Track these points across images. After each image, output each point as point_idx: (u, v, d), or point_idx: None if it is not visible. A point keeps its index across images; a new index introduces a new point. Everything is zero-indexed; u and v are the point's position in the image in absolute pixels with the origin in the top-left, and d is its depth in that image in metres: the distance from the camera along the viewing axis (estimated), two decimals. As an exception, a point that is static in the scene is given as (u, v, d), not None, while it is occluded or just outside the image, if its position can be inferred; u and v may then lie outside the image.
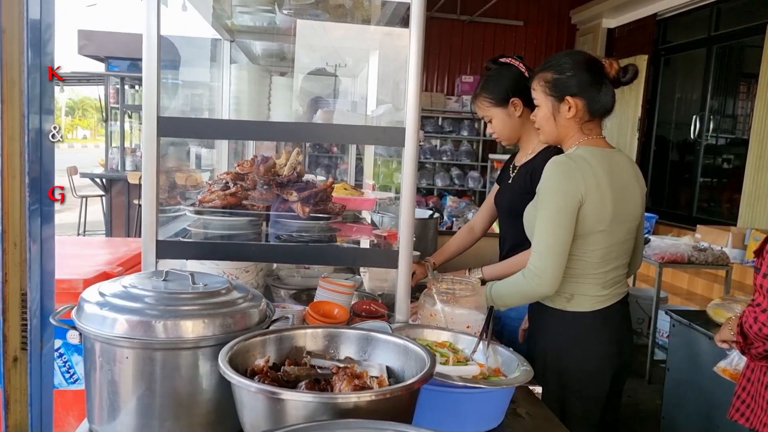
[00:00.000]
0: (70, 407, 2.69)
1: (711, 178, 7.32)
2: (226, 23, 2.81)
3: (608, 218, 1.85)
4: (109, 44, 9.37)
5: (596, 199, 1.82)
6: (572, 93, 1.90)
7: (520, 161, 2.43)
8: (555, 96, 1.92)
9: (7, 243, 1.35)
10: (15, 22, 1.37)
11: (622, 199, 1.88)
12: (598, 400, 2.00)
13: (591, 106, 1.91)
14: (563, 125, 1.94)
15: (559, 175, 1.85)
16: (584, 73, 1.90)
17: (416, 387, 1.03)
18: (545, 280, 1.84)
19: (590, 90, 1.90)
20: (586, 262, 1.90)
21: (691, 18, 7.54)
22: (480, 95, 2.38)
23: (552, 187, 1.85)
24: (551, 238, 1.83)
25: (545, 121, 1.97)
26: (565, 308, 1.96)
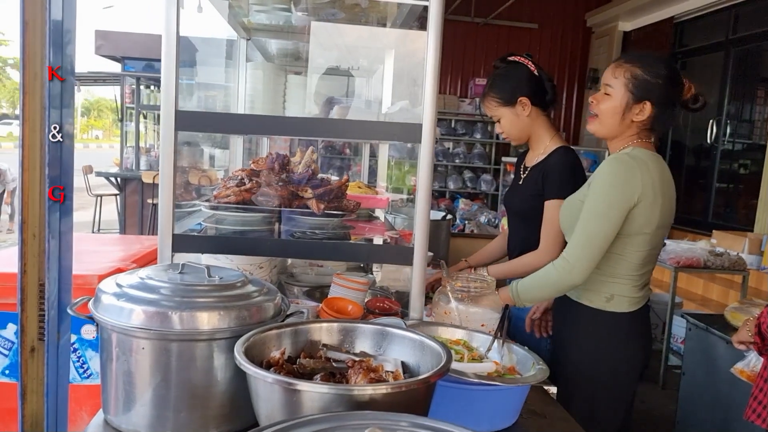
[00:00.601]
0: (83, 402, 2.70)
1: (727, 184, 7.25)
2: (243, 21, 2.83)
3: (655, 222, 1.85)
4: (126, 44, 9.43)
5: (650, 202, 1.82)
6: (651, 100, 1.86)
7: (531, 162, 2.39)
8: (635, 94, 1.85)
9: (27, 234, 1.36)
10: (37, 16, 1.38)
11: (668, 205, 1.88)
12: (628, 401, 2.00)
13: (658, 120, 1.89)
14: (626, 125, 1.90)
15: (621, 172, 1.82)
16: (670, 86, 1.87)
17: (432, 381, 1.03)
18: (576, 270, 1.82)
19: (666, 104, 1.88)
20: (629, 263, 1.89)
21: (708, 21, 7.47)
22: (488, 95, 2.35)
23: (610, 182, 1.83)
24: (596, 231, 1.82)
25: (611, 112, 1.89)
26: (605, 308, 1.94)
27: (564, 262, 1.85)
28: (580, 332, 1.99)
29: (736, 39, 7.02)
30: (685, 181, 7.84)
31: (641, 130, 1.90)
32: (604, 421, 1.95)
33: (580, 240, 1.83)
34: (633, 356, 1.98)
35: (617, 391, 1.97)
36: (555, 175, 2.24)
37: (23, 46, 1.35)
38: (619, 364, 1.96)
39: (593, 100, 1.94)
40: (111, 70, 11.13)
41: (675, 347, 4.88)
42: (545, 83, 2.30)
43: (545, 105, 2.33)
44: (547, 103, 2.33)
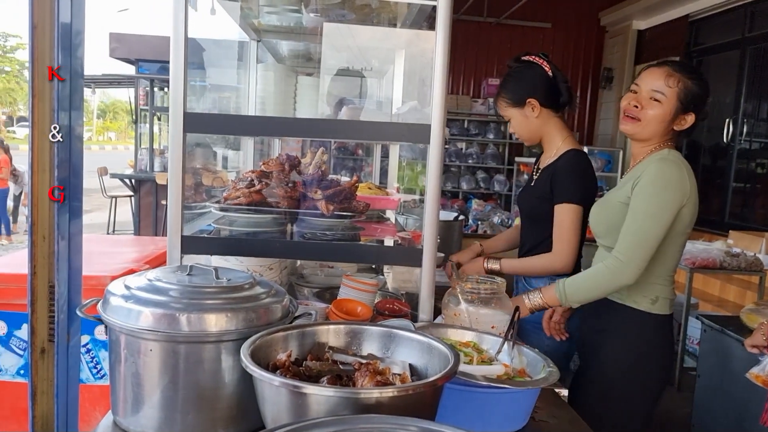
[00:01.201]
0: (96, 402, 2.72)
1: (744, 183, 7.16)
2: (253, 23, 2.83)
3: (691, 225, 1.90)
4: (140, 47, 9.52)
5: (693, 202, 1.85)
6: (696, 112, 1.90)
7: (543, 163, 2.37)
8: (684, 105, 1.87)
9: (36, 235, 1.37)
10: (46, 19, 1.39)
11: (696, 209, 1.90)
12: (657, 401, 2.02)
13: (692, 129, 1.93)
14: (666, 131, 1.91)
15: (672, 173, 1.83)
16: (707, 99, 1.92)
17: (440, 384, 1.02)
18: (629, 270, 1.80)
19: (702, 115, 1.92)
20: (670, 263, 1.92)
21: (723, 19, 7.39)
22: (499, 95, 2.33)
23: (663, 183, 1.82)
24: (649, 232, 1.80)
25: (659, 119, 1.88)
26: (650, 310, 1.93)
27: (617, 262, 1.82)
28: (627, 335, 1.96)
29: (752, 37, 6.94)
30: (702, 180, 7.74)
31: (673, 135, 1.93)
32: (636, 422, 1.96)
33: (632, 240, 1.82)
34: (670, 357, 2.02)
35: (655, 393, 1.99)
36: (564, 178, 2.21)
37: (32, 49, 1.36)
38: (662, 365, 1.99)
39: (637, 103, 1.89)
40: (125, 72, 11.24)
41: (690, 349, 4.83)
42: (560, 84, 2.27)
43: (558, 106, 2.30)
44: (560, 104, 2.30)
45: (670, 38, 8.08)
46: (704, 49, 7.83)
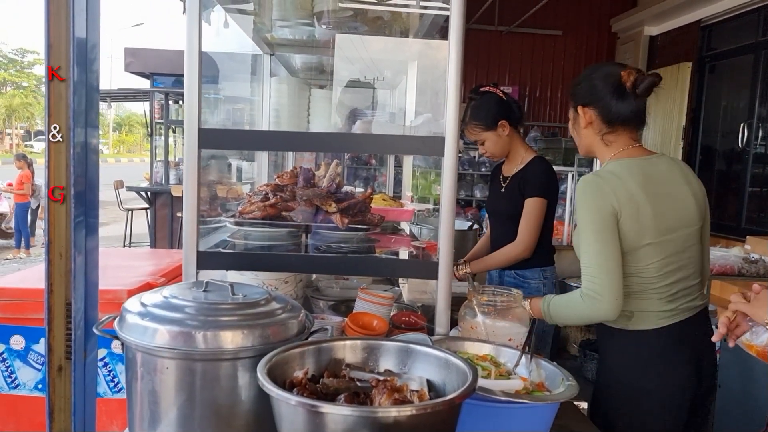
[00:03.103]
0: (114, 416, 2.73)
1: (761, 188, 7.08)
2: (266, 37, 2.85)
3: (652, 230, 1.73)
4: (155, 61, 9.61)
5: (632, 213, 1.72)
6: (581, 103, 1.86)
7: (510, 172, 2.76)
8: (572, 106, 1.91)
9: (53, 254, 1.37)
10: (62, 37, 1.40)
11: (668, 207, 1.76)
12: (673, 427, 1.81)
13: (605, 114, 1.83)
14: (588, 137, 1.89)
15: (590, 193, 1.75)
16: (592, 82, 1.84)
17: (458, 402, 1.01)
18: (604, 301, 1.69)
19: (598, 98, 1.83)
20: (643, 277, 1.77)
21: (737, 24, 7.32)
22: (470, 123, 2.70)
23: (585, 205, 1.75)
24: (599, 257, 1.71)
25: (571, 131, 1.97)
26: (627, 327, 1.81)
27: (588, 297, 1.72)
28: (611, 354, 1.88)
29: (766, 41, 6.87)
30: (717, 185, 7.67)
31: (603, 136, 1.85)
32: None
33: (590, 271, 1.72)
34: (673, 377, 1.78)
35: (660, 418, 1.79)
36: (533, 179, 2.64)
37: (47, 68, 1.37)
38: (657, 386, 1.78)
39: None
40: (140, 86, 11.37)
41: (710, 357, 4.76)
42: (512, 106, 2.72)
43: (516, 124, 2.73)
44: (516, 122, 2.73)
45: (682, 44, 8.02)
46: (717, 54, 7.76)
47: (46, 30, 1.42)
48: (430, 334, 1.69)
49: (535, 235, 2.61)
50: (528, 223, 2.60)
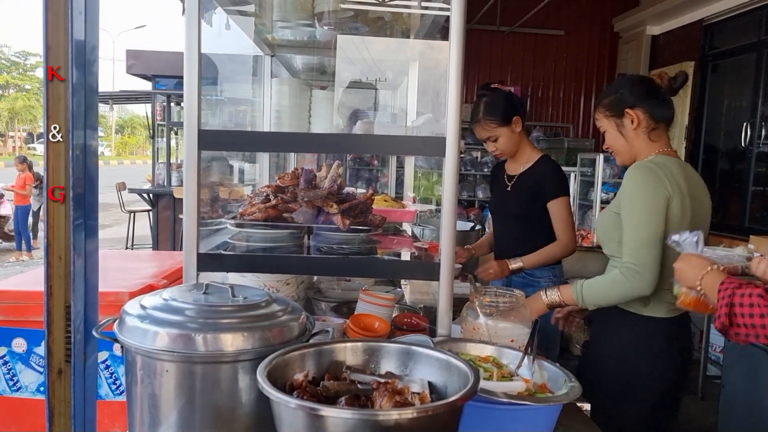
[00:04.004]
0: (116, 418, 2.73)
1: (764, 187, 7.05)
2: (267, 38, 2.85)
3: (687, 224, 1.86)
4: (156, 63, 9.63)
5: (678, 203, 1.86)
6: (629, 106, 1.98)
7: (516, 171, 2.74)
8: (615, 113, 2.01)
9: (52, 256, 1.37)
10: (60, 38, 1.39)
11: (697, 207, 1.92)
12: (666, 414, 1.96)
13: (653, 115, 1.98)
14: (634, 139, 2.00)
15: (646, 178, 1.87)
16: (636, 87, 2.00)
17: (460, 404, 1.00)
18: (646, 277, 1.83)
19: (646, 100, 1.98)
20: (665, 267, 1.87)
21: (739, 22, 7.30)
22: (485, 119, 2.64)
23: (640, 188, 1.87)
24: (646, 235, 1.83)
25: (614, 139, 2.05)
26: (641, 312, 1.93)
27: (631, 271, 1.84)
28: (618, 337, 1.98)
29: (769, 39, 6.85)
30: (720, 185, 7.65)
31: (650, 133, 1.99)
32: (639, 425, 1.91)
33: (635, 245, 1.85)
34: (674, 364, 1.95)
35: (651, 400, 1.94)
36: (550, 180, 2.64)
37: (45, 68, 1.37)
38: (657, 372, 1.93)
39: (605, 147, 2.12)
40: (142, 88, 11.38)
41: (713, 357, 4.75)
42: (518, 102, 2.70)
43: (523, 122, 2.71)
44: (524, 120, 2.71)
45: (685, 43, 8.00)
46: (719, 53, 7.74)
47: (45, 32, 1.42)
48: (431, 335, 1.68)
49: (573, 231, 2.66)
50: (564, 223, 2.63)
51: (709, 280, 1.63)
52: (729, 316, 1.53)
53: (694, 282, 1.65)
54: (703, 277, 1.64)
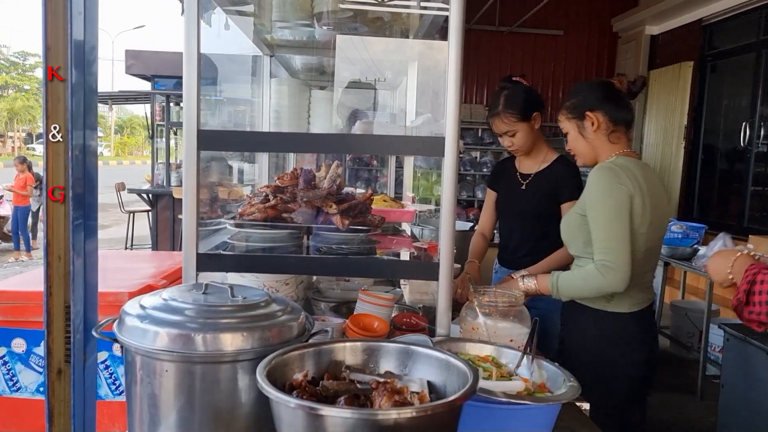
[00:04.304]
0: (115, 418, 2.73)
1: (763, 187, 7.06)
2: (266, 38, 2.85)
3: (648, 221, 1.95)
4: (155, 63, 9.63)
5: (639, 202, 1.93)
6: (590, 108, 2.07)
7: (532, 169, 2.67)
8: (576, 116, 2.10)
9: (52, 256, 1.37)
10: (60, 39, 1.40)
11: (657, 205, 1.99)
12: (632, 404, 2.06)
13: (613, 117, 2.06)
14: (594, 140, 2.09)
15: (609, 179, 1.95)
16: (596, 90, 2.10)
17: (459, 404, 1.00)
18: (619, 270, 1.89)
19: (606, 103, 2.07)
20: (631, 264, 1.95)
21: (738, 22, 7.31)
22: (504, 112, 2.54)
23: (603, 188, 1.95)
24: (617, 233, 1.90)
25: (575, 141, 2.14)
26: (605, 308, 2.02)
27: (606, 268, 1.91)
28: (584, 334, 2.06)
29: None
30: (719, 185, 7.66)
31: (609, 135, 2.07)
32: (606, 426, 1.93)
33: (608, 244, 1.91)
34: (639, 358, 2.03)
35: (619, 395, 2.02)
36: (570, 181, 2.56)
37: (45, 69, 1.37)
38: (625, 364, 2.01)
39: (567, 149, 2.21)
40: (142, 88, 11.38)
41: (713, 356, 4.76)
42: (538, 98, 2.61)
43: None
44: None
45: (684, 43, 8.01)
46: (718, 53, 7.75)
47: (44, 32, 1.42)
48: (431, 335, 1.68)
49: None
50: None
51: (739, 265, 1.62)
52: (747, 293, 1.54)
53: (725, 270, 1.64)
54: (734, 262, 1.63)
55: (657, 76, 8.43)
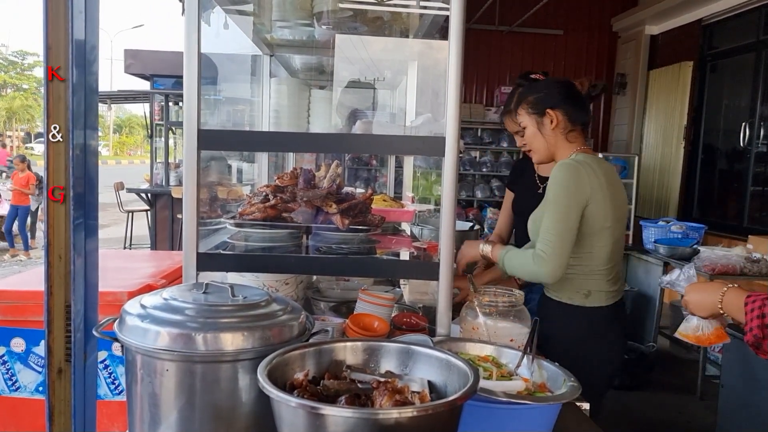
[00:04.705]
0: (114, 418, 2.73)
1: (763, 187, 7.07)
2: (266, 37, 2.84)
3: (611, 216, 2.03)
4: (154, 63, 9.63)
5: (600, 198, 2.00)
6: (550, 106, 2.13)
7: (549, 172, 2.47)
8: (536, 112, 2.16)
9: (53, 256, 1.37)
10: (60, 38, 1.40)
11: (617, 200, 2.07)
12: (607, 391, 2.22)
13: (571, 117, 2.14)
14: (553, 138, 2.15)
15: (569, 176, 2.01)
16: (557, 89, 2.17)
17: (459, 403, 1.00)
18: (550, 263, 1.97)
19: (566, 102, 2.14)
20: (599, 258, 2.06)
21: (738, 22, 7.31)
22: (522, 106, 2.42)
23: (564, 184, 2.01)
24: (560, 229, 1.97)
25: (533, 138, 2.19)
26: (584, 304, 2.10)
27: (539, 258, 1.99)
28: (567, 330, 2.11)
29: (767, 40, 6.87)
30: (719, 185, 7.66)
31: (567, 134, 2.14)
32: None
33: (549, 237, 1.98)
34: (618, 347, 2.17)
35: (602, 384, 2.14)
36: None
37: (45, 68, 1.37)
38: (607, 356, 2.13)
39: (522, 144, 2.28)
40: (141, 87, 11.37)
41: (712, 357, 4.76)
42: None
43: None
44: None
45: (684, 43, 8.01)
46: (718, 53, 7.75)
47: (45, 32, 1.42)
48: (431, 335, 1.68)
49: None
50: None
51: (731, 298, 1.54)
52: (762, 328, 1.46)
53: (714, 306, 1.57)
54: (724, 297, 1.56)
55: (657, 75, 8.44)
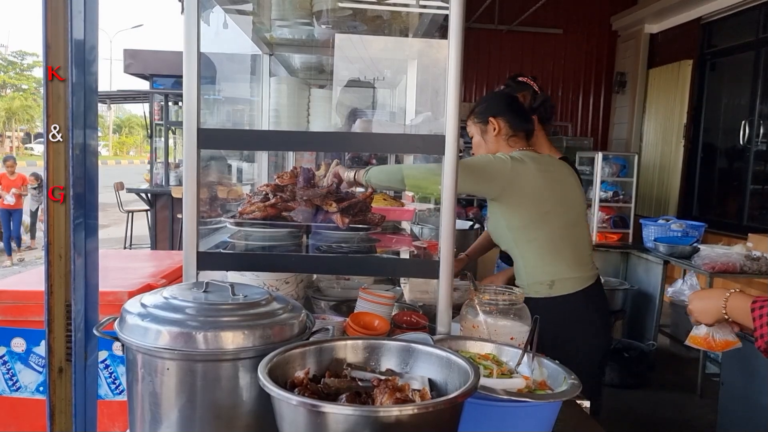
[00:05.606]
0: (115, 418, 2.73)
1: (762, 185, 7.07)
2: (265, 36, 2.84)
3: (549, 200, 2.15)
4: (154, 62, 9.63)
5: (530, 180, 2.14)
6: (491, 115, 2.32)
7: None
8: (480, 121, 2.36)
9: (53, 255, 1.37)
10: (60, 38, 1.40)
11: (560, 186, 2.21)
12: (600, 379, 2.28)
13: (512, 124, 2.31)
14: (496, 144, 2.33)
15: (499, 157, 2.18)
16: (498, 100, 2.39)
17: (460, 401, 1.00)
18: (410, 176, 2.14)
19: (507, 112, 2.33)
20: (549, 244, 2.17)
21: (737, 21, 7.32)
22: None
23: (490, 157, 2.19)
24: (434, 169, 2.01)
25: (478, 145, 2.39)
26: (550, 295, 2.17)
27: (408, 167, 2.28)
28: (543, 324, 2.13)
29: (767, 38, 6.86)
30: (718, 183, 7.67)
31: (508, 140, 2.33)
32: None
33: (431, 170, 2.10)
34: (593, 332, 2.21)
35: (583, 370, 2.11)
36: None
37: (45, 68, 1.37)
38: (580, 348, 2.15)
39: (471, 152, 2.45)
40: (140, 87, 11.38)
41: (712, 355, 4.76)
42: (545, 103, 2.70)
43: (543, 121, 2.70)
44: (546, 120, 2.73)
45: (683, 41, 8.01)
46: (718, 51, 7.75)
47: (44, 32, 1.42)
48: (431, 333, 1.68)
49: None
50: None
51: (736, 303, 1.52)
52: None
53: (718, 311, 1.54)
54: (727, 302, 1.53)
55: (656, 74, 8.44)
